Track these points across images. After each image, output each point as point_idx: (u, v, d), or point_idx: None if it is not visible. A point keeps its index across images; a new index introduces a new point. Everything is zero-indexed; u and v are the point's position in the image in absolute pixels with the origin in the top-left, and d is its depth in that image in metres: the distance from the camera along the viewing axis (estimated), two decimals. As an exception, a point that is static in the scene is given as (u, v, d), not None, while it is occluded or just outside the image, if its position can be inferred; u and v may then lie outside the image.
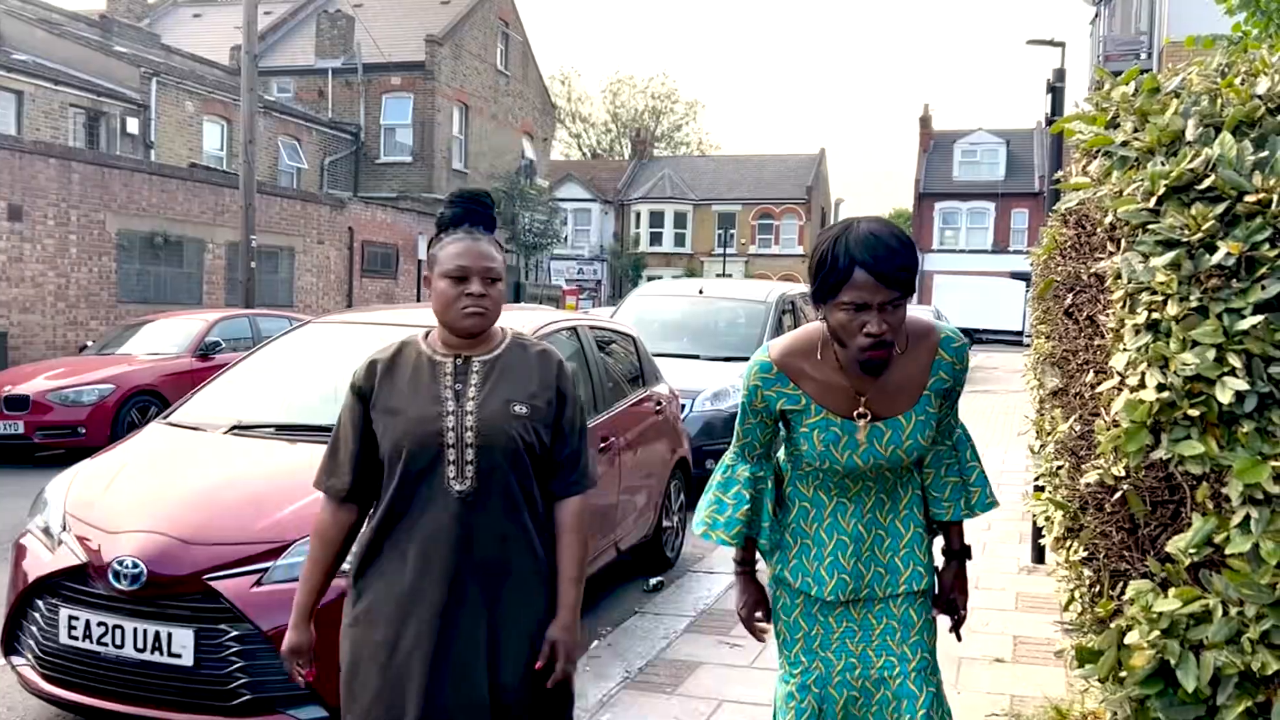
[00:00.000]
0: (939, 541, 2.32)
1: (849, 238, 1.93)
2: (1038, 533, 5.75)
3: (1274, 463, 1.70)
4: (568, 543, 2.21)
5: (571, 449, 2.22)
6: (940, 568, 2.29)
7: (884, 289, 1.90)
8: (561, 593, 2.19)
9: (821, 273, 1.96)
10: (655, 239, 43.44)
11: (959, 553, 2.29)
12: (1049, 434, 3.34)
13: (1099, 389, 2.23)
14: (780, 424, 2.19)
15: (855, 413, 2.06)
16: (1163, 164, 2.01)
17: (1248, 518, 1.71)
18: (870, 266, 1.89)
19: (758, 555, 2.32)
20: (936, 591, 2.27)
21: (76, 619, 3.36)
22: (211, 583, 3.26)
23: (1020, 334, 35.87)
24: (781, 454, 2.27)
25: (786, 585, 2.22)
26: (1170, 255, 1.86)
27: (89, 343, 13.02)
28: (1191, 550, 1.80)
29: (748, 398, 2.16)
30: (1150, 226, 1.95)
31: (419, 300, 23.01)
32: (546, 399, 2.19)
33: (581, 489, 2.24)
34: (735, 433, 2.24)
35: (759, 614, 2.32)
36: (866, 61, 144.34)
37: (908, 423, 2.07)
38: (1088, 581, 2.52)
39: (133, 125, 20.53)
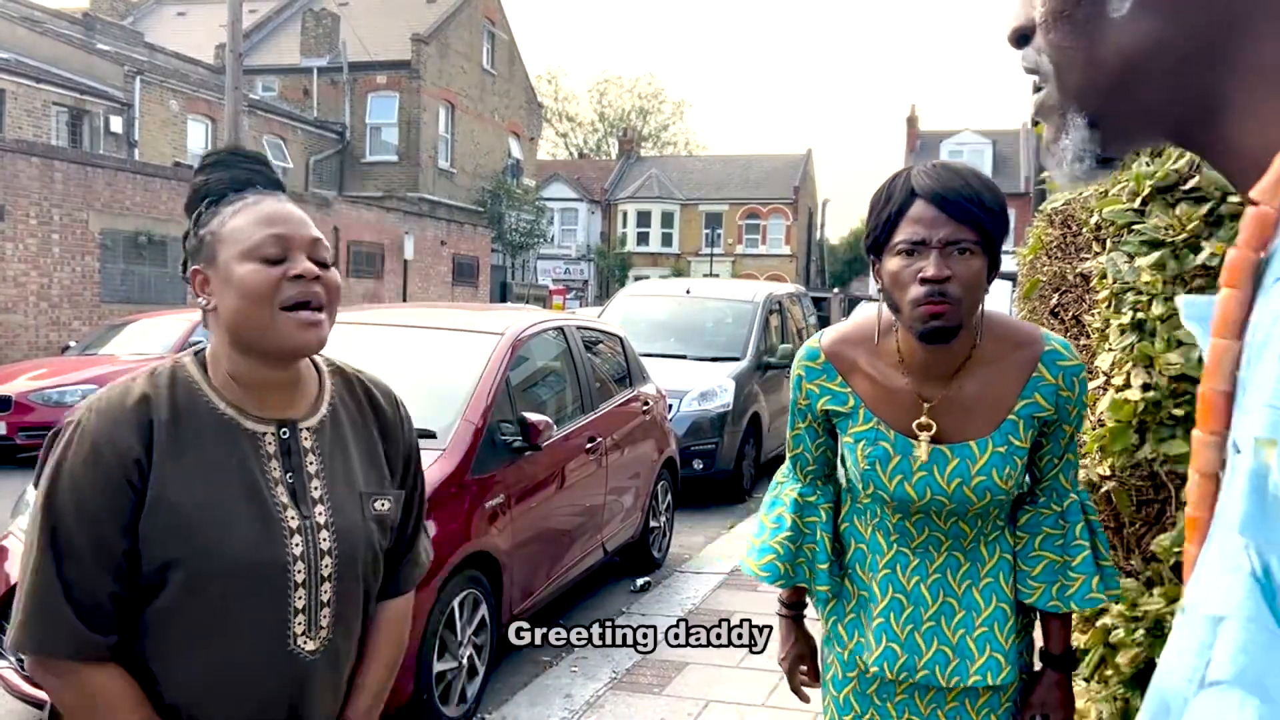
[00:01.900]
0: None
1: (914, 169, 1.56)
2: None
3: (1258, 462, 1.71)
4: (385, 656, 1.48)
5: (412, 531, 1.52)
6: (1036, 672, 1.75)
7: (949, 222, 1.48)
8: (357, 698, 1.45)
9: (875, 211, 1.56)
10: (642, 239, 43.41)
11: (1060, 659, 1.71)
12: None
13: (1084, 389, 2.24)
14: (831, 433, 1.74)
15: (915, 424, 1.61)
16: (1148, 164, 2.02)
17: (1232, 517, 1.72)
18: (932, 194, 1.50)
19: (808, 599, 1.87)
20: (1025, 705, 1.72)
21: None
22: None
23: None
24: (841, 474, 1.80)
25: (839, 649, 1.76)
26: (1155, 255, 1.87)
27: (72, 343, 12.92)
28: (1176, 549, 1.81)
29: (794, 393, 1.74)
30: (1135, 227, 1.96)
31: (404, 299, 22.94)
32: (400, 468, 1.48)
33: (415, 580, 1.54)
34: (787, 441, 1.81)
35: (804, 668, 1.88)
36: (853, 62, 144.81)
37: (981, 452, 1.59)
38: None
39: (116, 124, 20.38)
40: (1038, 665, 1.77)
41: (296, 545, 1.31)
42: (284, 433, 1.35)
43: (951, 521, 1.65)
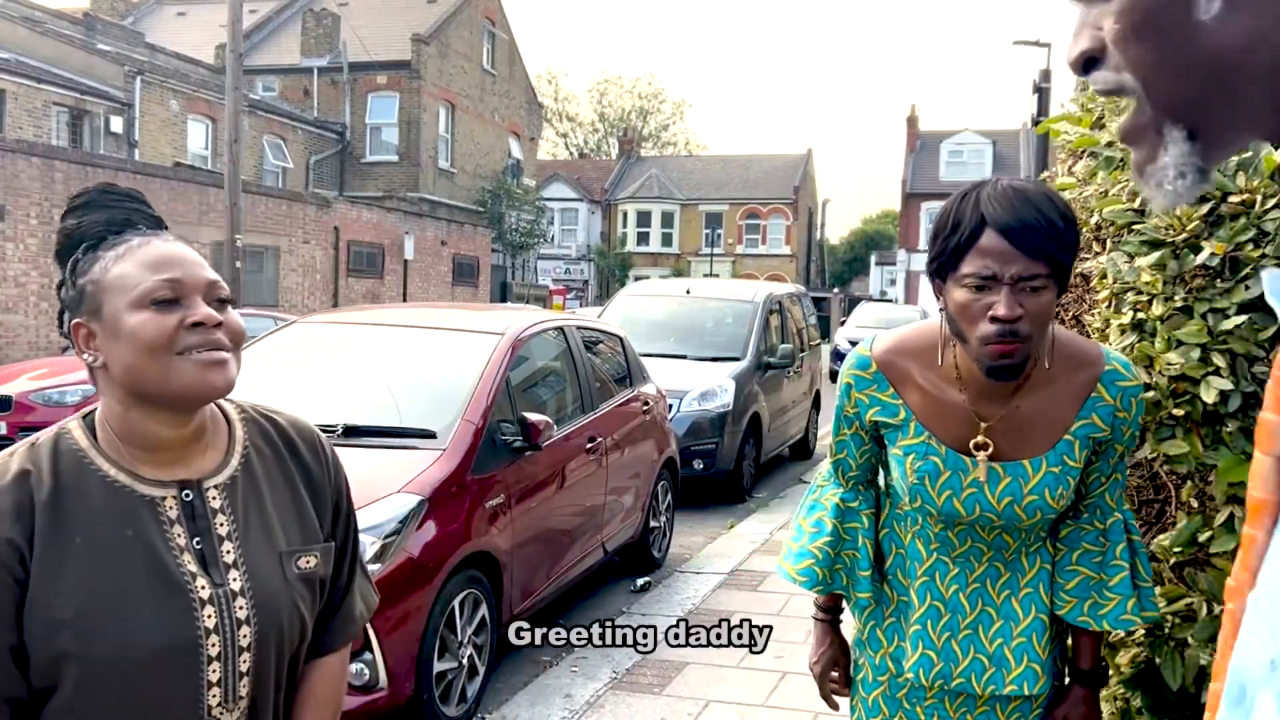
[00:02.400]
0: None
1: (982, 192, 1.47)
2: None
3: (1258, 462, 1.71)
4: None
5: (344, 580, 1.39)
6: (1064, 685, 1.73)
7: (1022, 257, 1.41)
8: None
9: (942, 235, 1.48)
10: (642, 239, 43.42)
11: (1089, 675, 1.69)
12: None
13: (1084, 389, 2.24)
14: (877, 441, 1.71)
15: (972, 443, 1.57)
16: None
17: (1231, 516, 1.72)
18: (1005, 227, 1.41)
19: (843, 604, 1.83)
20: (1049, 718, 1.70)
21: None
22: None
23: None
24: (882, 480, 1.77)
25: (871, 652, 1.75)
26: (1155, 255, 1.87)
27: (72, 343, 12.93)
28: (1177, 549, 1.81)
29: (840, 400, 1.70)
30: (1135, 227, 1.96)
31: (404, 299, 22.95)
32: (330, 517, 1.36)
33: (351, 636, 1.41)
34: (830, 446, 1.77)
35: (835, 674, 1.84)
36: (853, 62, 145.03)
37: (1035, 471, 1.56)
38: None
39: (116, 124, 20.39)
40: (1068, 678, 1.75)
41: (209, 617, 1.19)
42: (187, 494, 1.22)
43: (995, 534, 1.62)
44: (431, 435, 4.13)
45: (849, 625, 1.83)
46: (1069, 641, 1.76)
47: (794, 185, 43.98)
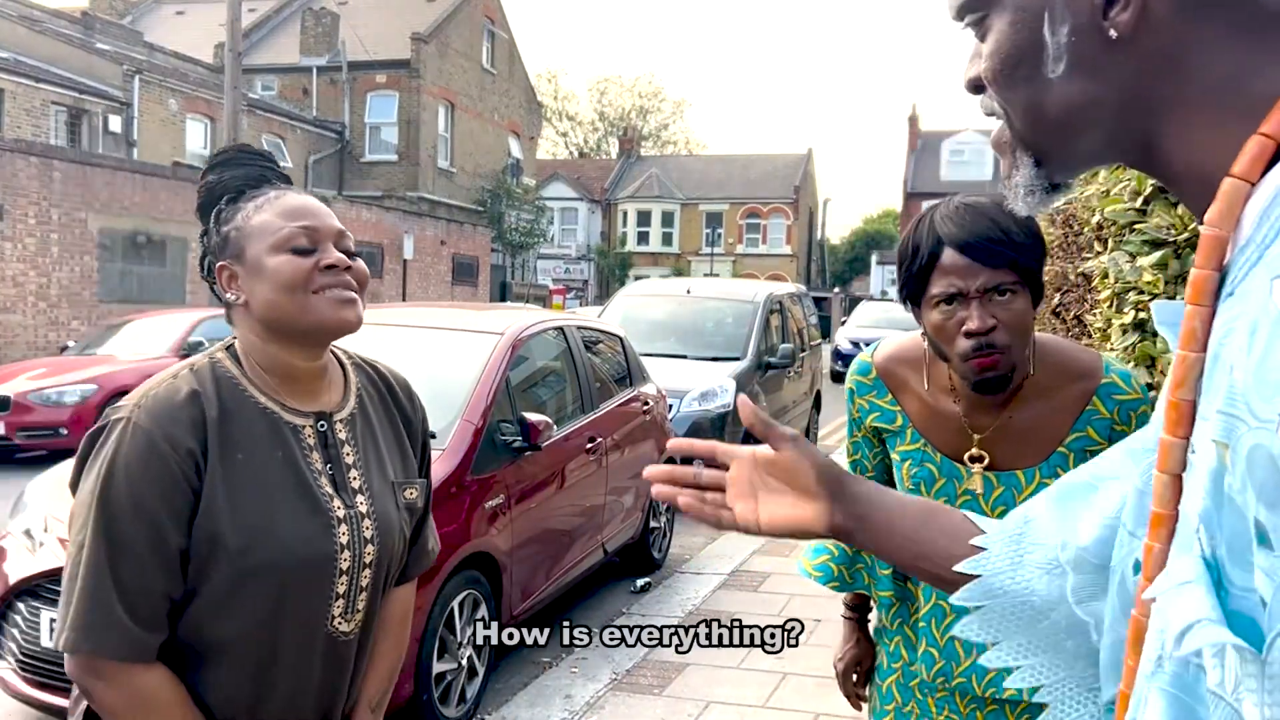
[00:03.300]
0: None
1: (936, 214, 1.50)
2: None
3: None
4: (393, 648, 1.56)
5: (423, 515, 1.57)
6: None
7: (984, 269, 1.44)
8: (370, 684, 1.53)
9: (906, 262, 1.52)
10: (642, 238, 43.41)
11: None
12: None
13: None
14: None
15: (966, 455, 1.60)
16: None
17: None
18: (962, 243, 1.45)
19: (872, 602, 1.85)
20: None
21: (58, 622, 3.33)
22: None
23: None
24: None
25: (888, 640, 1.78)
26: (1157, 255, 1.86)
27: (70, 343, 12.91)
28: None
29: (848, 403, 1.76)
30: (1137, 226, 1.95)
31: (404, 299, 22.92)
32: (419, 455, 1.56)
33: (423, 568, 1.59)
34: (846, 446, 1.83)
35: (856, 673, 1.87)
36: (854, 61, 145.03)
37: (1028, 482, 1.57)
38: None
39: (115, 123, 20.38)
40: None
41: (343, 535, 1.35)
42: (321, 424, 1.38)
43: None
44: (431, 435, 4.11)
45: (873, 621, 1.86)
46: None
47: (794, 185, 43.96)
